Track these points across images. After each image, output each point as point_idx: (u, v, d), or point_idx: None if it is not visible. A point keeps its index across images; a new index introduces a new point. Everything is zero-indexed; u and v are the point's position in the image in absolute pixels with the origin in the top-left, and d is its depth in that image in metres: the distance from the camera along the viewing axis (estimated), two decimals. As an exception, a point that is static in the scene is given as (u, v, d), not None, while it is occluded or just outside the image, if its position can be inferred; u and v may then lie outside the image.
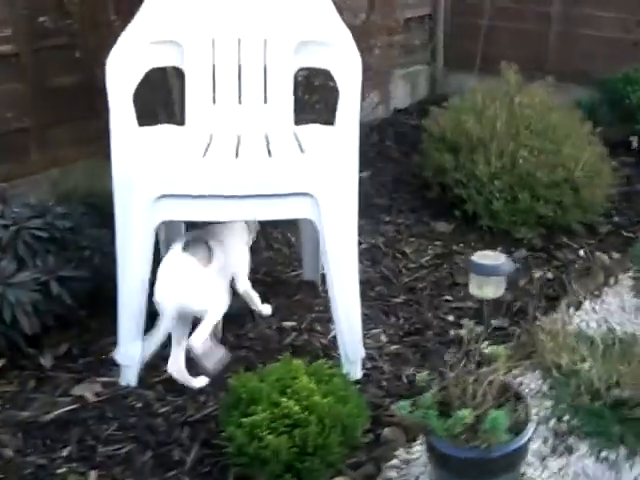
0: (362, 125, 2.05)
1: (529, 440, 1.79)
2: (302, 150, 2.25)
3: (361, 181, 3.47)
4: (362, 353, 2.25)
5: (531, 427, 1.79)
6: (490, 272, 2.16)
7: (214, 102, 2.51)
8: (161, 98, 2.76)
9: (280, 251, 2.88)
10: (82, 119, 2.97)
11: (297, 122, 2.50)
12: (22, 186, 2.84)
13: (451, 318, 2.57)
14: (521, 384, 2.19)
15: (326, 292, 2.30)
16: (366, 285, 2.76)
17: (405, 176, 3.68)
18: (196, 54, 2.48)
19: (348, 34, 2.33)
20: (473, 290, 2.20)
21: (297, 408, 1.82)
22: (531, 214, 3.08)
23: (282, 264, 2.85)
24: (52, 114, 2.99)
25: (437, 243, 3.08)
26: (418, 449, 1.98)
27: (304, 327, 2.50)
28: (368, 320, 2.51)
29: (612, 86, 4.03)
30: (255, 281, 2.48)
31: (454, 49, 4.75)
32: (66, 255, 2.32)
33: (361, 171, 2.15)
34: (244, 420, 1.82)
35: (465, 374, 1.82)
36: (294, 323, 2.51)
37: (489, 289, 2.17)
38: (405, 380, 2.26)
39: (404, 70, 4.70)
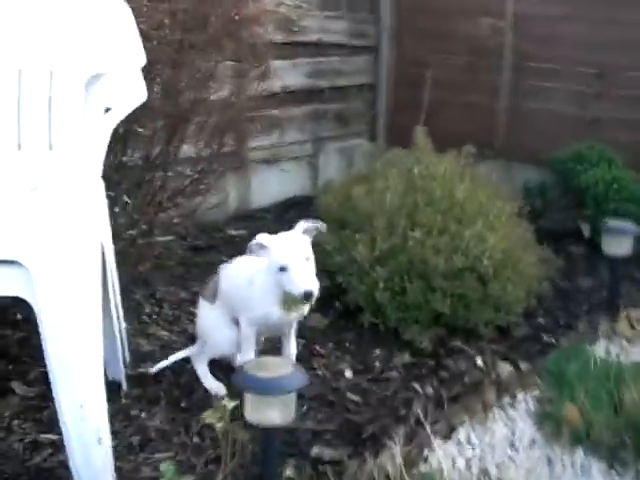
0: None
1: None
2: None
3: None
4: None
5: None
6: (268, 390, 1.50)
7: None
8: None
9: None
10: None
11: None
12: None
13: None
14: None
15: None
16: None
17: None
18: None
19: (138, 64, 1.80)
20: (248, 414, 1.53)
21: None
22: (424, 310, 2.45)
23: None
24: None
25: (301, 341, 2.44)
26: None
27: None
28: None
29: (561, 165, 3.43)
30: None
31: (395, 122, 4.21)
32: None
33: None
34: None
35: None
36: (55, 437, 1.88)
37: (271, 413, 1.50)
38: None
39: (339, 143, 4.18)
